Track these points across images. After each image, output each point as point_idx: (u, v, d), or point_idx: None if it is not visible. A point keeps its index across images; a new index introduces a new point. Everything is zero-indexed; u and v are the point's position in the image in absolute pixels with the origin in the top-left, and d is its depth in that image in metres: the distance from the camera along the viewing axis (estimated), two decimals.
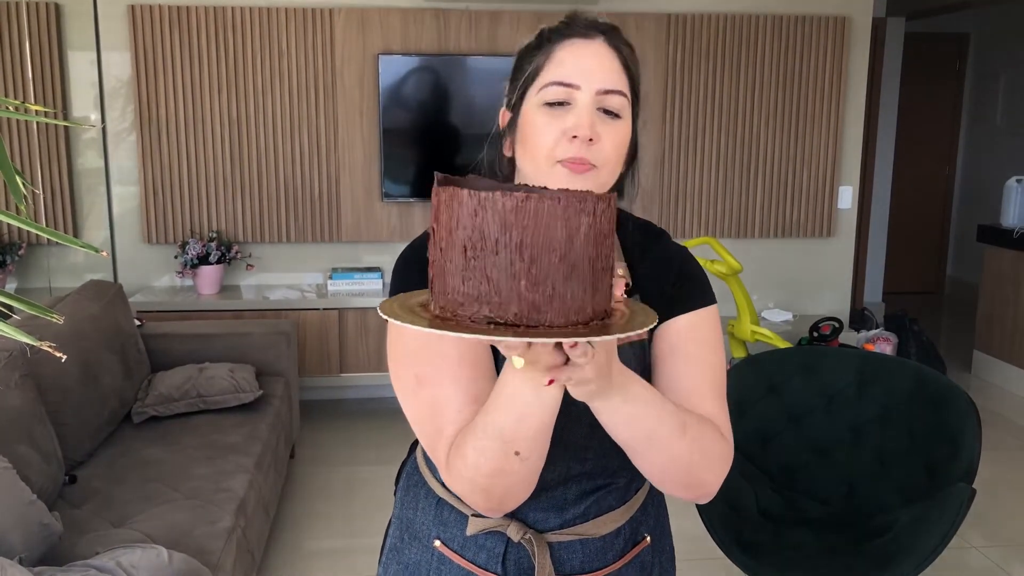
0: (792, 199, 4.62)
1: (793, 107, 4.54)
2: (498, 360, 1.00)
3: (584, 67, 0.99)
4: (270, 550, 2.92)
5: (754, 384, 2.59)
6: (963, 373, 5.01)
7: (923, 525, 2.10)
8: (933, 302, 7.03)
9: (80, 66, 4.11)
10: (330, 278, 4.22)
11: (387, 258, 4.44)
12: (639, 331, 0.71)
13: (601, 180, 1.00)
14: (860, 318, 5.24)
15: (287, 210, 4.28)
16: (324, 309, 4.08)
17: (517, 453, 0.87)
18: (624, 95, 1.01)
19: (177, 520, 2.24)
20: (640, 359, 1.05)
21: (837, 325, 4.30)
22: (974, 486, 2.16)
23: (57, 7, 4.04)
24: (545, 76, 1.00)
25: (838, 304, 4.81)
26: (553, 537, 1.06)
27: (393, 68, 4.18)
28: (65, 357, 0.91)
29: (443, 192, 0.72)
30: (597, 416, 0.90)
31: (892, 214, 6.30)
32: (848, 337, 4.53)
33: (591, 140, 0.97)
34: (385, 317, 0.73)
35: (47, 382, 2.50)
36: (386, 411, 4.32)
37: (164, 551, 1.90)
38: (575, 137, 0.97)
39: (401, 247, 4.34)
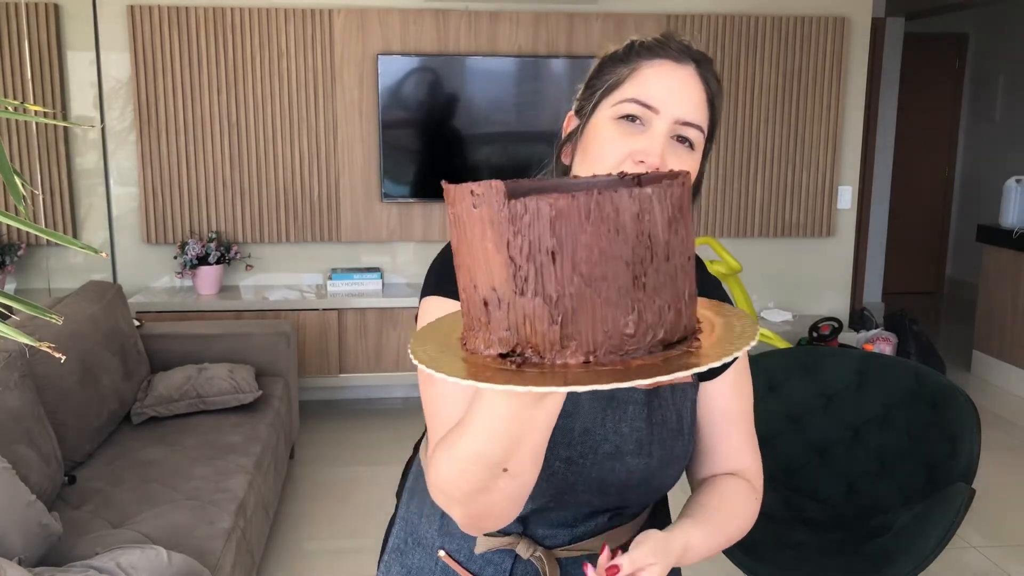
0: (792, 199, 4.62)
1: (793, 107, 4.54)
2: None
3: (669, 92, 0.95)
4: (270, 550, 2.92)
5: (754, 384, 2.58)
6: (962, 373, 5.00)
7: (923, 525, 2.10)
8: (933, 302, 7.03)
9: (79, 66, 4.11)
10: (329, 278, 4.22)
11: (386, 258, 4.44)
12: (738, 352, 0.57)
13: None
14: (860, 318, 5.24)
15: (286, 210, 4.28)
16: (323, 310, 4.08)
17: (506, 470, 0.75)
18: (700, 129, 0.97)
19: (177, 521, 2.24)
20: (694, 399, 1.07)
21: (837, 325, 4.30)
22: (973, 486, 2.16)
23: (56, 7, 4.03)
24: (625, 91, 0.96)
25: (838, 304, 4.81)
26: (561, 553, 1.04)
27: (393, 68, 4.18)
28: (64, 358, 0.91)
29: (466, 201, 0.58)
30: None
31: (891, 214, 6.30)
32: (848, 337, 4.53)
33: (658, 168, 0.93)
34: (420, 366, 0.60)
35: (46, 383, 2.50)
36: (386, 411, 4.32)
37: (164, 552, 1.90)
38: (642, 162, 0.93)
39: (401, 247, 4.31)
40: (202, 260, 4.10)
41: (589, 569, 0.81)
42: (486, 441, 0.72)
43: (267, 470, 2.81)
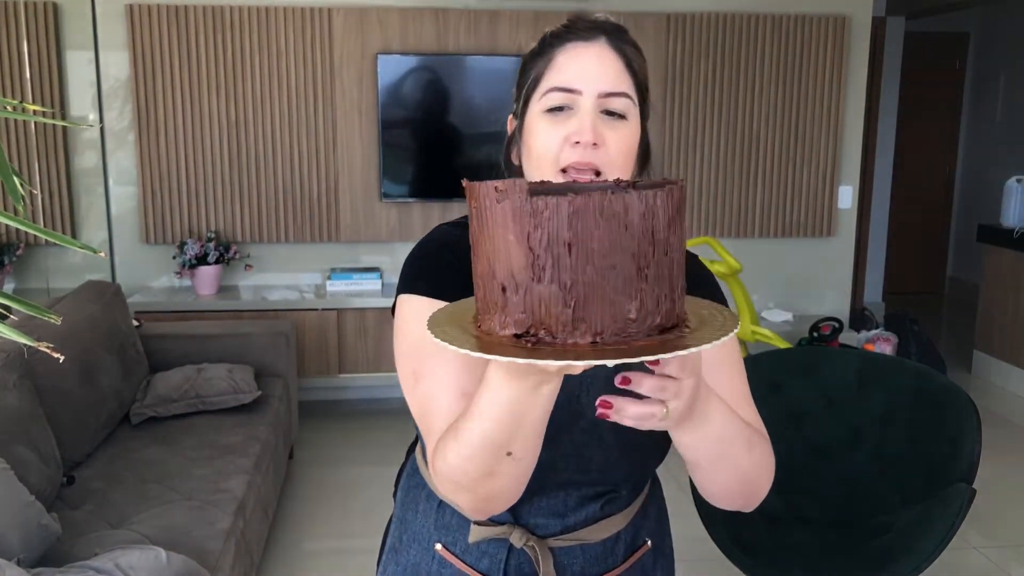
0: (792, 199, 4.62)
1: (793, 106, 4.53)
2: None
3: (585, 71, 0.97)
4: (269, 551, 2.92)
5: (754, 384, 2.56)
6: (963, 373, 5.00)
7: (923, 525, 2.10)
8: (933, 302, 7.02)
9: (78, 66, 4.11)
10: (329, 278, 4.22)
11: (386, 258, 4.43)
12: (726, 337, 0.63)
13: None
14: (860, 318, 5.23)
15: (285, 210, 4.28)
16: (323, 309, 4.08)
17: (510, 454, 0.81)
18: (628, 97, 0.98)
19: (176, 521, 2.24)
20: None
21: (837, 325, 4.30)
22: (974, 486, 2.15)
23: (55, 7, 4.03)
24: (546, 82, 0.98)
25: (838, 304, 4.81)
26: (554, 542, 1.05)
27: (392, 67, 4.17)
28: (63, 358, 0.90)
29: (491, 196, 0.64)
30: (670, 433, 0.85)
31: (892, 214, 6.30)
32: (848, 337, 4.52)
33: (595, 144, 0.95)
34: (441, 343, 0.65)
35: (45, 383, 2.50)
36: (385, 411, 4.31)
37: (162, 552, 1.90)
38: (578, 143, 0.95)
39: (400, 247, 4.31)
40: (201, 260, 4.10)
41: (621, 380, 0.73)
42: (491, 425, 0.78)
43: (266, 470, 2.81)
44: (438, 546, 1.08)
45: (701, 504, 2.29)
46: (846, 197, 4.70)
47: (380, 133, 4.22)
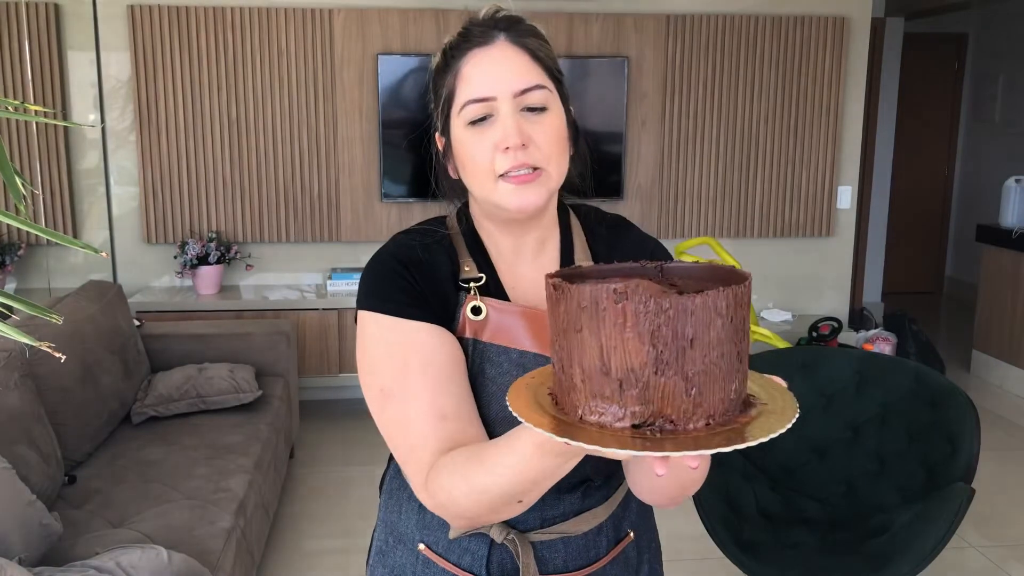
0: (791, 199, 4.63)
1: (792, 107, 4.54)
2: (471, 371, 1.00)
3: (493, 76, 0.96)
4: (270, 550, 2.92)
5: None
6: (962, 373, 5.01)
7: (922, 525, 2.11)
8: (932, 302, 7.03)
9: (80, 66, 4.11)
10: (329, 278, 4.23)
11: None
12: (785, 428, 0.69)
13: (550, 184, 0.99)
14: (859, 318, 5.24)
15: (286, 210, 4.28)
16: (323, 309, 4.08)
17: (520, 501, 0.87)
18: (543, 87, 0.97)
19: (177, 520, 2.24)
20: None
21: (836, 325, 4.31)
22: (973, 486, 2.16)
23: (57, 7, 4.04)
24: (460, 97, 0.98)
25: (837, 304, 4.81)
26: (535, 536, 1.05)
27: (392, 68, 4.18)
28: (64, 357, 0.91)
29: (607, 297, 0.68)
30: None
31: (891, 214, 6.30)
32: (847, 337, 4.53)
33: (523, 145, 0.95)
34: (535, 429, 0.69)
35: (46, 382, 2.50)
36: None
37: (164, 551, 1.90)
38: (508, 148, 0.95)
39: None
40: (202, 260, 4.10)
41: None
42: (516, 483, 0.83)
43: (267, 470, 2.82)
44: (421, 546, 1.09)
45: (700, 503, 2.30)
46: (845, 197, 4.71)
47: (380, 133, 4.22)
